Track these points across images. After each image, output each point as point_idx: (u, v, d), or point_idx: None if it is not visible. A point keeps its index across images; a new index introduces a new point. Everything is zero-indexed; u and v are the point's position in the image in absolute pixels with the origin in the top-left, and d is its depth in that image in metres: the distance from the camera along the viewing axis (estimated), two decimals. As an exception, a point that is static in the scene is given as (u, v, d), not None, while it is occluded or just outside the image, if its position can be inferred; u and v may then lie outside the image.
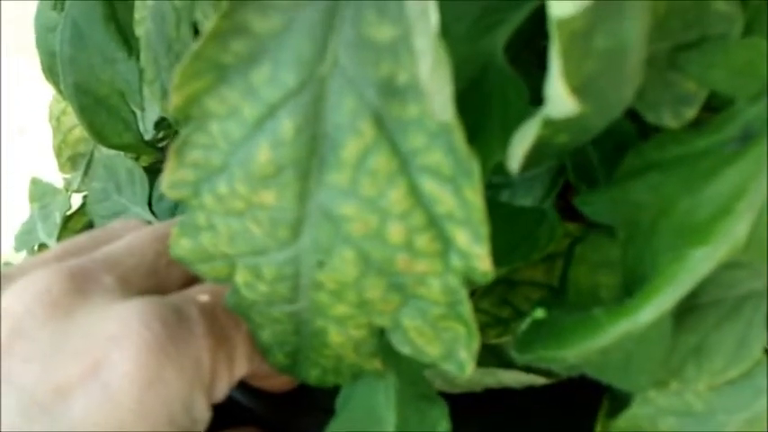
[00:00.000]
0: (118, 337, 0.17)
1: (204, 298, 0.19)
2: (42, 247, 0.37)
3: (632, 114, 0.16)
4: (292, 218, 0.15)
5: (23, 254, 0.39)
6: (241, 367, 0.19)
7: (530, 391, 0.22)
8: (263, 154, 0.14)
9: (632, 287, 0.14)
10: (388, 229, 0.14)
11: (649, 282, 0.13)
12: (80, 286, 0.19)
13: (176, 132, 0.35)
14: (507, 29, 0.14)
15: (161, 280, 0.21)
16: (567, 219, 0.21)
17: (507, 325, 0.22)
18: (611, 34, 0.11)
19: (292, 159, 0.14)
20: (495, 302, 0.22)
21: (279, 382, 0.23)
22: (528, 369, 0.22)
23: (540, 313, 0.16)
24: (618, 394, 0.20)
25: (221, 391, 0.19)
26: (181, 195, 0.16)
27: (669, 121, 0.15)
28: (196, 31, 0.25)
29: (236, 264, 0.17)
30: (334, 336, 0.17)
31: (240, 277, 0.17)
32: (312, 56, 0.13)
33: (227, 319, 0.19)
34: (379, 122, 0.13)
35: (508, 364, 0.22)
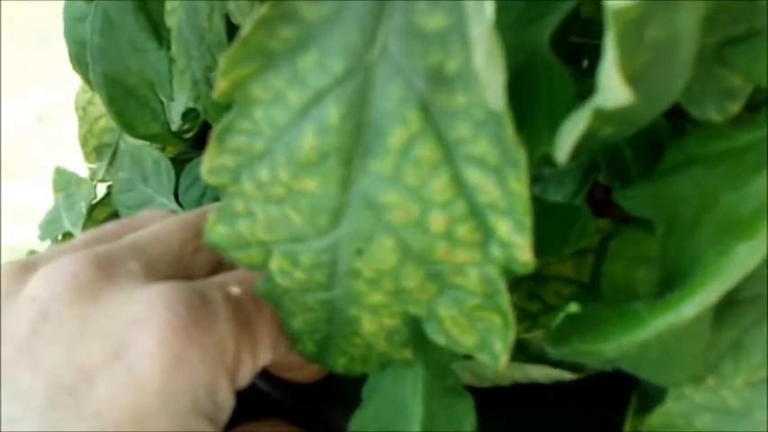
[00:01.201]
0: (142, 319, 0.17)
1: (229, 285, 0.20)
2: (67, 235, 0.38)
3: (666, 111, 0.16)
4: (333, 205, 0.15)
5: (47, 242, 0.39)
6: (265, 354, 0.19)
7: (557, 386, 0.22)
8: (307, 140, 0.14)
9: (672, 282, 0.14)
10: (430, 218, 0.14)
11: (693, 276, 0.13)
12: (106, 272, 0.19)
13: (203, 124, 0.35)
14: (553, 20, 0.14)
15: (186, 268, 0.21)
16: (594, 215, 0.21)
17: (536, 319, 0.22)
18: (665, 25, 0.11)
19: (337, 146, 0.14)
20: (523, 297, 0.22)
21: (306, 373, 0.23)
22: (556, 364, 0.22)
23: (574, 308, 0.16)
24: (647, 391, 0.20)
25: (245, 377, 0.19)
26: (220, 182, 0.16)
27: (713, 115, 0.15)
28: (228, 23, 0.26)
29: (272, 251, 0.17)
30: (368, 324, 0.17)
31: (275, 264, 0.17)
32: (360, 43, 0.13)
33: (251, 307, 0.19)
34: (426, 111, 0.13)
35: (536, 358, 0.22)
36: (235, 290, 0.19)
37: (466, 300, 0.15)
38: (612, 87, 0.11)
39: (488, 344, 0.16)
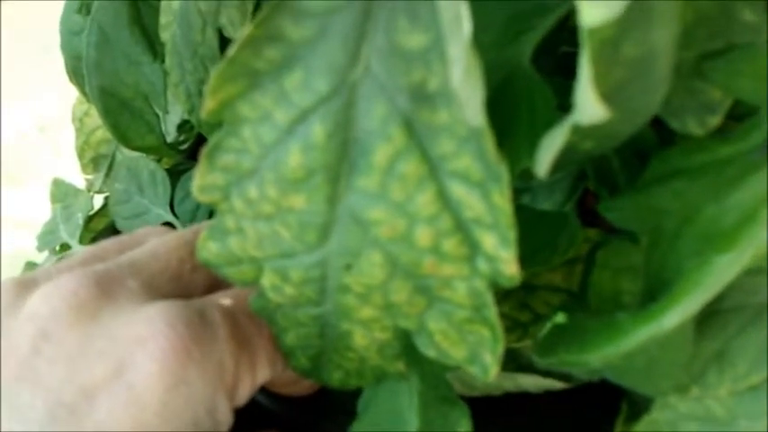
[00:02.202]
0: (142, 338, 0.17)
1: (227, 303, 0.20)
2: (64, 246, 0.38)
3: (653, 121, 0.17)
4: (321, 221, 0.15)
5: (45, 253, 0.40)
6: (263, 372, 0.20)
7: (548, 395, 0.22)
8: (294, 158, 0.14)
9: (655, 293, 0.15)
10: (416, 233, 0.14)
11: (674, 287, 0.13)
12: (106, 290, 0.19)
13: (198, 135, 0.36)
14: (535, 36, 0.14)
15: (185, 285, 0.21)
16: (584, 224, 0.21)
17: (526, 329, 0.22)
18: (641, 42, 0.11)
19: (323, 164, 0.14)
20: (514, 306, 0.22)
21: (300, 389, 0.23)
22: (546, 373, 0.22)
23: (560, 318, 0.17)
24: (636, 399, 0.20)
25: (244, 395, 0.19)
26: (211, 199, 0.16)
27: (694, 128, 0.15)
28: (221, 36, 0.26)
29: (264, 267, 0.17)
30: (359, 338, 0.18)
31: (267, 280, 0.17)
32: (344, 62, 0.13)
33: (249, 325, 0.19)
34: (410, 128, 0.13)
35: (527, 367, 0.22)
36: (232, 307, 0.20)
37: (454, 313, 0.16)
38: (588, 104, 0.11)
39: (478, 356, 0.16)
